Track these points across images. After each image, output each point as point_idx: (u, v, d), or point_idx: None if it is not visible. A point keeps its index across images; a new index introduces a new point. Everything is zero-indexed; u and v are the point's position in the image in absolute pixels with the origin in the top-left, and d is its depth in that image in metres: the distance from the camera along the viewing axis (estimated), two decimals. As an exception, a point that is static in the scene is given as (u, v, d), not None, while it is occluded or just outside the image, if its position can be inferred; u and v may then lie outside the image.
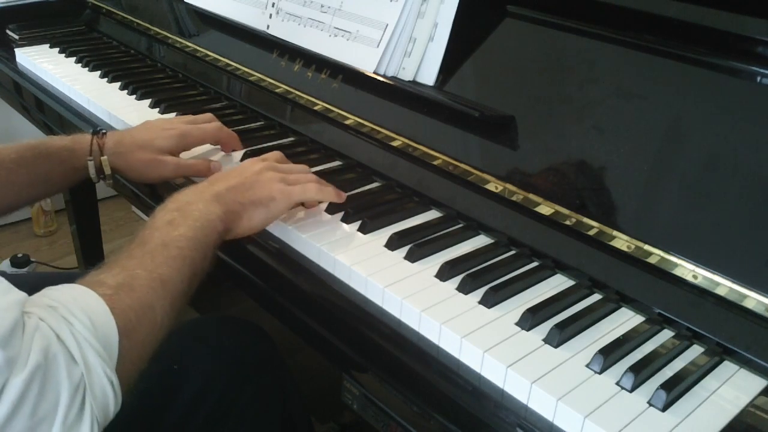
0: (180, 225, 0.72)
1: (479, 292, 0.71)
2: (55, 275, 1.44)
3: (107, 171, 0.94)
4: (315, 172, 0.94)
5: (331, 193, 0.84)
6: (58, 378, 0.52)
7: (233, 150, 1.02)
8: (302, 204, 0.85)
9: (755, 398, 0.61)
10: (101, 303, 0.59)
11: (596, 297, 0.73)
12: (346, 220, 0.83)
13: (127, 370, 0.60)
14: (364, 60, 0.98)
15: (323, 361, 0.78)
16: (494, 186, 0.83)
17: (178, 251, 0.69)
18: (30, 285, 0.64)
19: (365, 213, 0.84)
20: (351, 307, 0.73)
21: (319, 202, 0.86)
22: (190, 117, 1.01)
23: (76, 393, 0.53)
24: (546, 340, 0.65)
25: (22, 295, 0.55)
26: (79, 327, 0.55)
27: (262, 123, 1.13)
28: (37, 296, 0.58)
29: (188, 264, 0.70)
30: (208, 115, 1.02)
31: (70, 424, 0.53)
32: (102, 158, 0.93)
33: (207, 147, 1.02)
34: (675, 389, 0.59)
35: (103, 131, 0.96)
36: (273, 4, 1.15)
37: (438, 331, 0.67)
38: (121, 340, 0.59)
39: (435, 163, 0.89)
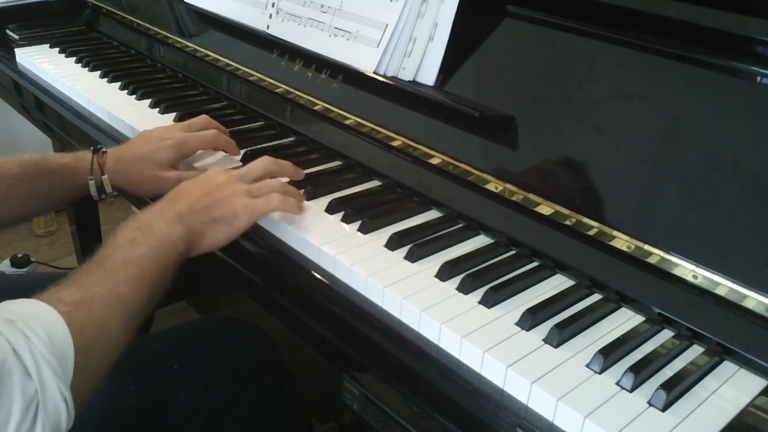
0: (141, 244, 0.72)
1: (479, 292, 0.71)
2: (55, 275, 1.44)
3: (108, 189, 0.94)
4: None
5: (293, 204, 0.82)
6: (11, 392, 0.53)
7: (232, 155, 1.01)
8: None
9: (755, 398, 0.61)
10: (60, 320, 0.59)
11: (596, 297, 0.73)
12: (346, 220, 0.83)
13: (81, 387, 0.60)
14: (364, 60, 0.98)
15: (323, 361, 0.78)
16: (494, 186, 0.83)
17: (138, 270, 0.70)
18: (30, 285, 0.64)
19: (365, 213, 0.84)
20: (351, 307, 0.73)
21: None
22: (186, 123, 1.00)
23: (29, 408, 0.54)
24: (546, 340, 0.65)
25: None
26: (36, 342, 0.56)
27: (262, 123, 1.13)
28: None
29: (147, 284, 0.70)
30: (204, 118, 1.01)
31: None
32: (103, 177, 0.93)
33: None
34: (675, 389, 0.59)
35: (104, 149, 0.95)
36: (273, 4, 1.15)
37: (438, 331, 0.67)
38: (76, 357, 0.59)
39: (435, 163, 0.89)
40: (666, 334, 0.68)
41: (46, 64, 1.35)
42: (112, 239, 0.74)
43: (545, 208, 0.78)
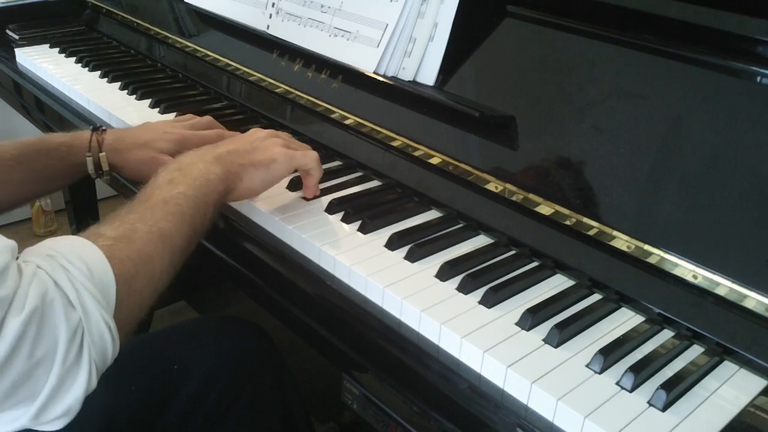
0: (180, 183, 0.73)
1: (479, 292, 0.71)
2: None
3: (105, 167, 0.95)
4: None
5: (317, 178, 0.86)
6: (56, 321, 0.54)
7: None
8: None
9: (755, 398, 0.61)
10: (98, 252, 0.60)
11: (596, 297, 0.73)
12: (346, 220, 0.83)
13: (125, 318, 0.61)
14: (364, 60, 0.98)
15: (323, 361, 0.78)
16: (494, 186, 0.83)
17: (178, 208, 0.71)
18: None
19: (365, 213, 0.84)
20: (351, 307, 0.73)
21: (308, 199, 0.88)
22: (190, 122, 1.01)
23: (74, 336, 0.55)
24: (546, 340, 0.65)
25: (11, 242, 0.56)
26: (76, 273, 0.57)
27: (263, 123, 1.13)
28: (35, 246, 0.59)
29: (187, 221, 0.71)
30: (208, 119, 1.02)
31: (69, 366, 0.54)
32: (100, 154, 0.94)
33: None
34: (675, 389, 0.59)
35: (103, 128, 0.96)
36: (273, 4, 1.15)
37: (438, 331, 0.67)
38: (118, 287, 0.60)
39: (435, 163, 0.89)
40: (666, 334, 0.68)
41: (46, 64, 1.35)
42: (152, 180, 0.75)
43: (545, 208, 0.78)
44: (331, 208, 0.86)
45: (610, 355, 0.63)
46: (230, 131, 1.01)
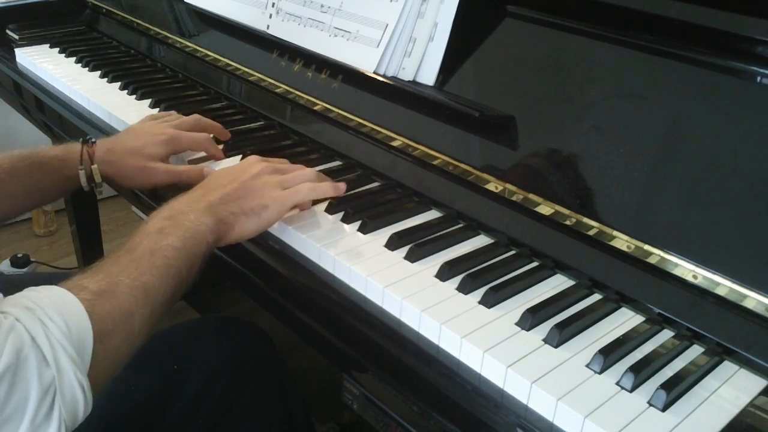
0: (170, 234, 0.72)
1: (479, 292, 0.71)
2: (55, 275, 1.44)
3: (98, 179, 0.95)
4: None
5: (326, 189, 0.83)
6: (29, 378, 0.53)
7: (217, 159, 1.01)
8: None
9: (755, 398, 0.61)
10: (79, 307, 0.60)
11: (596, 297, 0.73)
12: (346, 220, 0.83)
13: (98, 375, 0.61)
14: (364, 60, 0.98)
15: (323, 361, 0.78)
16: (494, 186, 0.83)
17: (164, 260, 0.70)
18: (30, 285, 0.64)
19: (365, 213, 0.84)
20: (351, 307, 0.73)
21: (315, 203, 0.86)
22: (177, 121, 1.00)
23: (46, 395, 0.54)
24: (546, 340, 0.65)
25: None
26: (54, 330, 0.56)
27: (262, 123, 1.13)
28: (16, 296, 0.59)
29: (173, 274, 0.70)
30: (194, 117, 1.02)
31: (38, 424, 0.54)
32: (92, 167, 0.94)
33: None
34: (675, 389, 0.59)
35: (93, 140, 0.96)
36: (273, 4, 1.15)
37: (438, 331, 0.67)
38: (95, 345, 0.59)
39: (435, 163, 0.89)
40: (666, 334, 0.68)
41: (46, 64, 1.35)
42: (142, 227, 0.74)
43: (545, 208, 0.78)
44: (331, 208, 0.86)
45: (610, 355, 0.63)
46: (219, 126, 1.01)
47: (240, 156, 1.00)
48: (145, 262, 0.69)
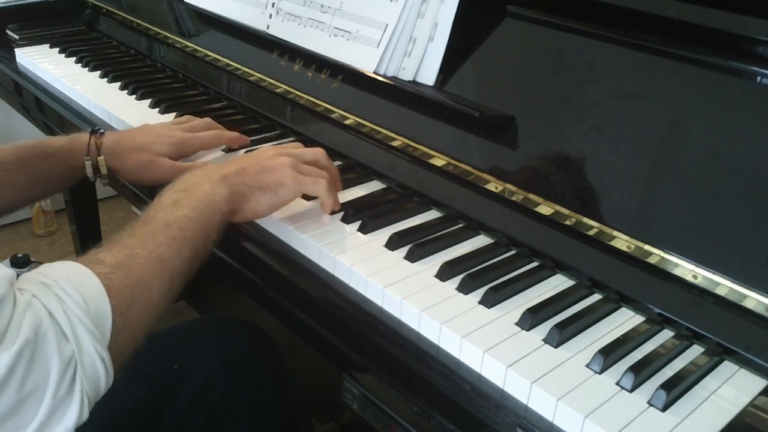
0: (184, 205, 0.72)
1: (479, 292, 0.71)
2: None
3: (104, 171, 0.95)
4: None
5: (334, 200, 0.83)
6: (48, 354, 0.53)
7: (241, 147, 1.02)
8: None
9: (755, 398, 0.61)
10: (95, 281, 0.60)
11: (596, 297, 0.73)
12: (346, 220, 0.83)
13: (120, 348, 0.61)
14: (364, 60, 0.98)
15: (323, 361, 0.78)
16: (494, 186, 0.83)
17: (180, 232, 0.70)
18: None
19: (365, 213, 0.84)
20: (351, 307, 0.73)
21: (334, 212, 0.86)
22: (189, 124, 1.00)
23: (67, 369, 0.54)
24: (546, 340, 0.65)
25: (10, 272, 0.56)
26: (71, 304, 0.56)
27: (262, 123, 1.13)
28: (32, 273, 0.59)
29: (189, 245, 0.70)
30: (207, 120, 1.02)
31: (60, 399, 0.54)
32: (99, 158, 0.94)
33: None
34: (675, 389, 0.59)
35: (101, 131, 0.96)
36: (273, 4, 1.15)
37: (438, 331, 0.67)
38: (114, 317, 0.60)
39: (435, 163, 0.89)
40: (666, 334, 0.68)
41: (46, 64, 1.35)
42: (157, 200, 0.74)
43: (545, 208, 0.78)
44: (331, 208, 0.86)
45: (610, 355, 0.63)
46: (229, 132, 1.01)
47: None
48: (161, 234, 0.69)
